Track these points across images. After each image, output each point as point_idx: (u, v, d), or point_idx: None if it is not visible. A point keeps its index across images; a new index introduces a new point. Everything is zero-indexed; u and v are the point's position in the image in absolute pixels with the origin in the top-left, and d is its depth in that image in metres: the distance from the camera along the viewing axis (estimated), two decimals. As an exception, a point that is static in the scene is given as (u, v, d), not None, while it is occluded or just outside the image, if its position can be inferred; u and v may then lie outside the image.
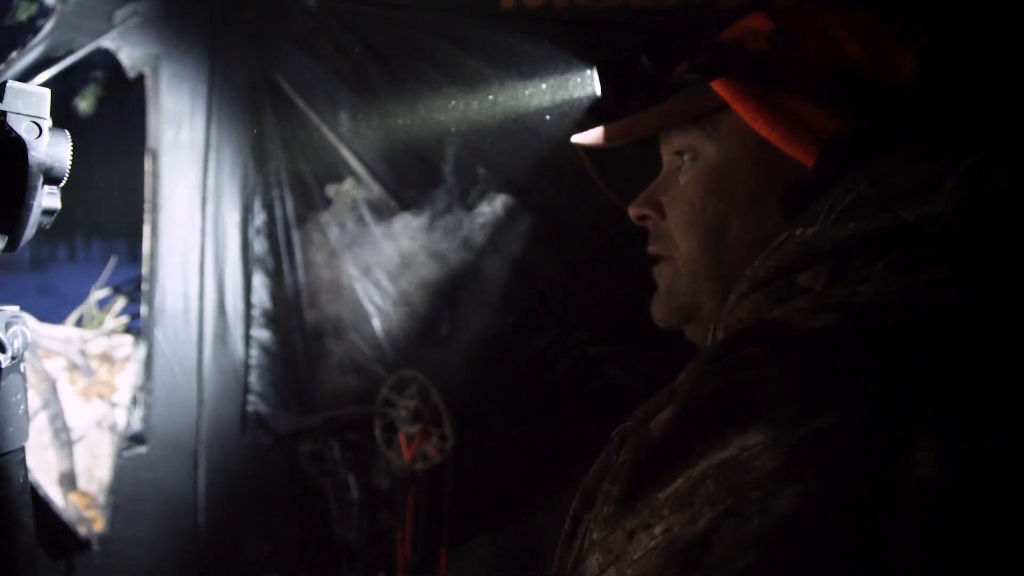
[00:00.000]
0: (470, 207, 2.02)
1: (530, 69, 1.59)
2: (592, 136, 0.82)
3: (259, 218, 2.13)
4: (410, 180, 2.06)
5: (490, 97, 1.67)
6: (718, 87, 0.72)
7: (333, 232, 2.14)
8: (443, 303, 2.20)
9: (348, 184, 2.08)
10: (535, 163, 1.88)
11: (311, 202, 2.12)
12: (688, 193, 0.73)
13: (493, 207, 2.00)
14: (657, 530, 0.42)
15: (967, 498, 0.36)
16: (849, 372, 0.42)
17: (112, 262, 3.11)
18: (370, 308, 2.18)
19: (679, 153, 0.76)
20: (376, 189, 2.08)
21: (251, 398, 2.20)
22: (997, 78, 0.73)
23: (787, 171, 0.68)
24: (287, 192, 2.11)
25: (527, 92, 1.42)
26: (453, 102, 1.81)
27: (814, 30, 0.72)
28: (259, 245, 2.14)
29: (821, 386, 0.42)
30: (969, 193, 0.51)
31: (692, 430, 0.45)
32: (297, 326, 2.19)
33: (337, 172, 2.08)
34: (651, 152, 0.85)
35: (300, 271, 2.15)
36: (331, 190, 2.08)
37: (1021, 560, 0.34)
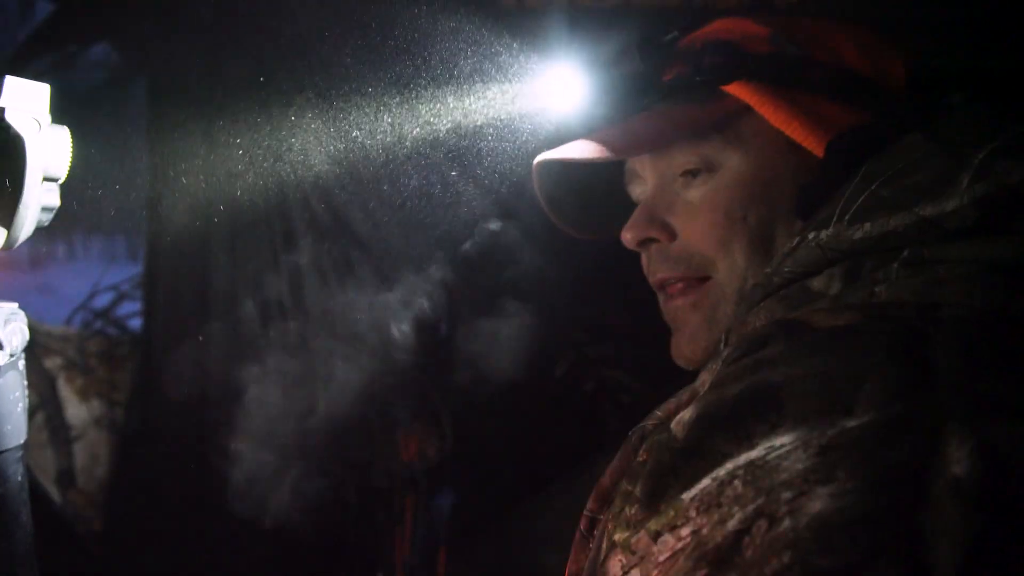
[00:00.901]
0: (469, 206, 2.01)
1: (531, 68, 1.58)
2: (585, 150, 0.76)
3: (259, 216, 2.13)
4: (411, 178, 2.05)
5: (490, 96, 1.66)
6: (737, 90, 0.69)
7: (332, 231, 2.13)
8: (442, 303, 2.20)
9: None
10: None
11: (311, 202, 2.11)
12: (719, 204, 0.70)
13: (492, 206, 1.99)
14: (684, 531, 0.42)
15: (1004, 495, 0.35)
16: (876, 370, 0.42)
17: (112, 260, 3.11)
18: (369, 308, 2.18)
19: (688, 167, 0.72)
20: (376, 187, 2.07)
21: (250, 397, 2.19)
22: (984, 74, 0.72)
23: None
24: (288, 191, 2.11)
25: (527, 91, 1.41)
26: (453, 101, 1.81)
27: (812, 35, 0.72)
28: (259, 243, 2.14)
29: (848, 385, 0.42)
30: (985, 186, 0.51)
31: (717, 430, 0.45)
32: (296, 325, 2.19)
33: (338, 170, 2.08)
34: (596, 175, 0.82)
35: (301, 268, 2.15)
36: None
37: None
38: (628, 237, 0.76)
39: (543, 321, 2.23)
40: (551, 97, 1.18)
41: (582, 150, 0.76)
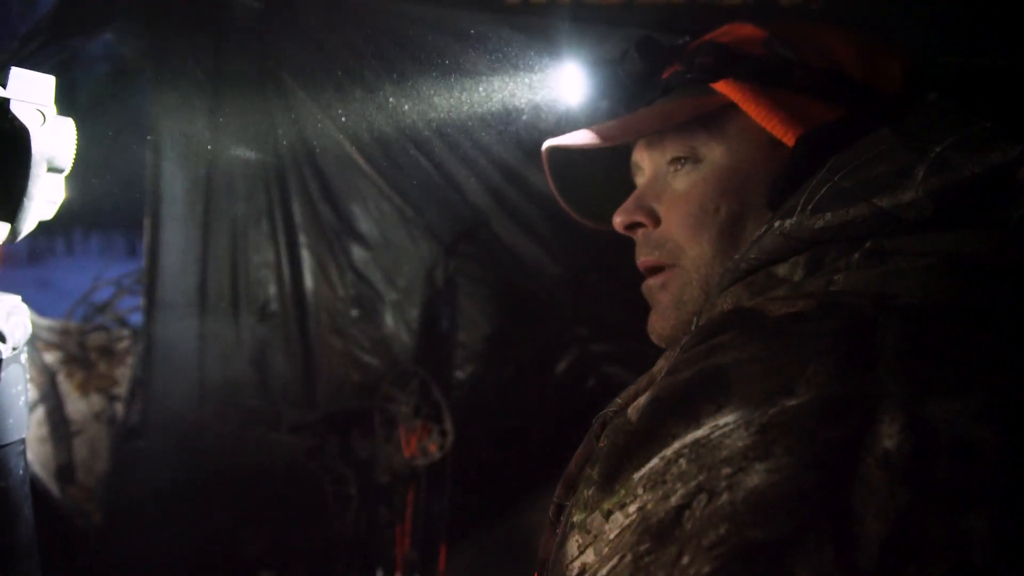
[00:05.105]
0: (471, 203, 2.01)
1: (533, 65, 1.58)
2: (583, 137, 0.80)
3: (262, 212, 2.13)
4: (412, 175, 2.06)
5: (493, 94, 1.66)
6: (724, 88, 0.72)
7: (333, 226, 2.13)
8: (444, 299, 2.20)
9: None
10: (538, 158, 1.88)
11: (313, 198, 2.11)
12: (695, 195, 0.73)
13: (494, 202, 1.99)
14: (632, 508, 0.43)
15: (932, 470, 0.36)
16: (820, 352, 0.43)
17: (111, 255, 3.11)
18: (371, 303, 2.18)
19: (676, 157, 0.75)
20: (377, 184, 2.08)
21: (251, 393, 2.19)
22: (968, 77, 0.74)
23: None
24: (290, 187, 2.11)
25: (529, 88, 1.42)
26: (457, 98, 1.81)
27: (807, 38, 0.74)
28: (261, 239, 2.14)
29: (793, 368, 0.43)
30: (940, 179, 0.52)
31: (667, 413, 0.46)
32: (298, 320, 2.19)
33: (339, 165, 2.08)
34: (613, 168, 0.85)
35: (303, 266, 2.15)
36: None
37: (984, 531, 0.34)
38: (617, 220, 0.80)
39: (545, 317, 2.24)
40: (561, 93, 1.21)
41: (580, 138, 0.81)
